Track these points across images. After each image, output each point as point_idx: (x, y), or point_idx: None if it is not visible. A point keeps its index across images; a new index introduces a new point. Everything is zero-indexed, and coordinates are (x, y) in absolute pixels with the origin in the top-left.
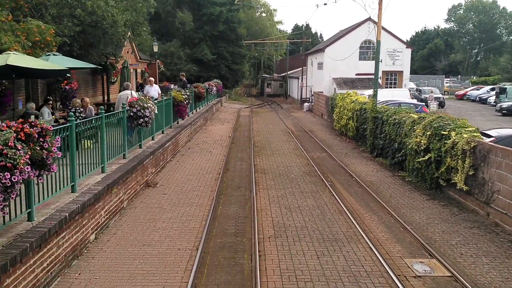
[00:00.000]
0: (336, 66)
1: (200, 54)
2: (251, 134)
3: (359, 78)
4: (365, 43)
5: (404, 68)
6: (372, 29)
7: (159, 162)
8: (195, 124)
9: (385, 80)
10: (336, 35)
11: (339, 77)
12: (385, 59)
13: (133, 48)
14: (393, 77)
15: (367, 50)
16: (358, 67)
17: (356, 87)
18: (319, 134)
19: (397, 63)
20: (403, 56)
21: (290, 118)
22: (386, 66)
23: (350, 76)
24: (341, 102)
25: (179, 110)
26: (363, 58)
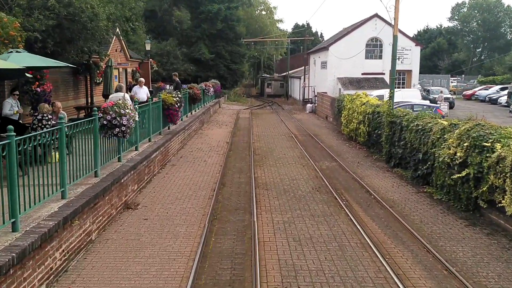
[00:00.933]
0: (341, 65)
1: (198, 53)
2: (251, 139)
3: (366, 78)
4: (372, 41)
5: (413, 67)
6: (380, 26)
7: (143, 176)
8: (189, 128)
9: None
10: (340, 33)
11: (344, 76)
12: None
13: (122, 46)
14: (401, 77)
15: (373, 48)
16: (364, 66)
17: (363, 87)
18: (326, 139)
19: (405, 61)
20: (411, 54)
21: (292, 120)
22: None
23: (356, 75)
24: (350, 104)
25: (169, 114)
26: (369, 56)
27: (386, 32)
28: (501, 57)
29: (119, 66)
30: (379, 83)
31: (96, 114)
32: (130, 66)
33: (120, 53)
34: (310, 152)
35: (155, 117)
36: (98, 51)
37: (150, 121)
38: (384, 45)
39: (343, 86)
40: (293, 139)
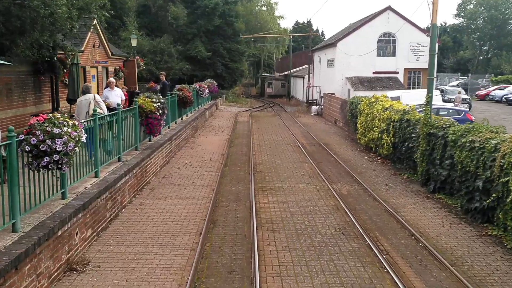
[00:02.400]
0: (350, 63)
1: (194, 51)
2: (250, 150)
3: (378, 78)
4: (384, 36)
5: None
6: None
7: (104, 214)
8: (178, 137)
9: (407, 79)
10: (348, 28)
11: (353, 76)
12: (407, 55)
13: (102, 41)
14: (416, 76)
15: (386, 44)
16: (375, 65)
17: (375, 88)
18: (339, 149)
19: (421, 59)
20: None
21: (297, 125)
22: (408, 63)
23: (366, 75)
24: (368, 109)
25: (148, 124)
26: (381, 53)
27: (400, 27)
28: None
29: (98, 64)
30: (393, 83)
31: (13, 137)
32: (112, 64)
33: (98, 49)
34: (323, 168)
35: (129, 128)
36: (63, 45)
37: (120, 135)
38: (398, 41)
39: (353, 87)
40: (301, 150)
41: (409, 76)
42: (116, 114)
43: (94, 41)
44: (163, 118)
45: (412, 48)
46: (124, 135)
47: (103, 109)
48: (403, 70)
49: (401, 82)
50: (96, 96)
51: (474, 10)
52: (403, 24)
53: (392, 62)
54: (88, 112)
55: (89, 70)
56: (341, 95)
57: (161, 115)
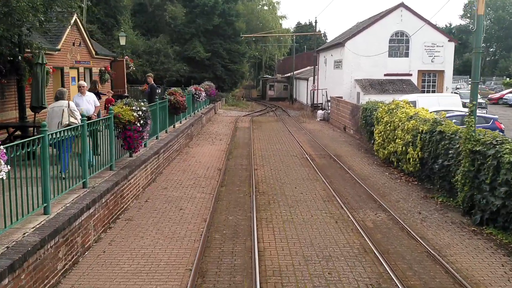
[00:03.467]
0: (360, 65)
1: (192, 51)
2: (252, 164)
3: (390, 80)
4: (396, 35)
5: (446, 67)
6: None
7: (53, 267)
8: (168, 149)
9: (421, 81)
10: (357, 26)
11: (363, 78)
12: (421, 55)
13: (83, 39)
14: (431, 78)
15: (398, 44)
16: (387, 66)
17: (387, 91)
18: (353, 162)
19: (436, 60)
20: (444, 51)
21: (302, 132)
22: (422, 64)
23: (377, 77)
24: (388, 117)
25: (126, 137)
26: (393, 54)
27: (414, 25)
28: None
29: (79, 65)
30: (406, 86)
31: None
32: (97, 65)
33: (80, 47)
34: (338, 189)
35: (101, 143)
36: (29, 42)
37: (86, 153)
38: (412, 41)
39: (363, 90)
40: (309, 163)
41: (423, 79)
42: (79, 127)
43: (74, 38)
44: (145, 129)
45: (426, 48)
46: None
47: (77, 119)
48: (416, 72)
49: (415, 85)
50: (71, 104)
51: None
52: (417, 22)
53: (405, 63)
54: (61, 122)
55: (67, 71)
56: (349, 99)
57: (143, 126)
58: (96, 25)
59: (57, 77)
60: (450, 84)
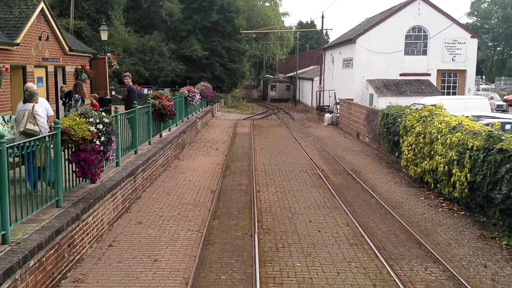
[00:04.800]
0: (373, 63)
1: (189, 49)
2: (253, 183)
3: (406, 80)
4: (413, 31)
5: (468, 66)
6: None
7: None
8: (149, 167)
9: (440, 82)
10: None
11: (376, 78)
12: (441, 53)
13: (54, 32)
14: (451, 79)
15: (416, 40)
16: (403, 65)
17: (404, 93)
18: (377, 181)
19: (458, 58)
20: (466, 49)
21: (309, 139)
22: (442, 63)
23: (392, 77)
24: (421, 126)
25: (80, 161)
26: (410, 51)
27: (433, 19)
28: None
29: (47, 62)
30: (425, 87)
31: None
32: (72, 63)
33: (48, 42)
34: (366, 223)
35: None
36: None
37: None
38: (430, 37)
39: (377, 91)
40: (322, 181)
41: (443, 78)
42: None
43: (41, 31)
44: (110, 148)
45: (447, 46)
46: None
47: (40, 126)
48: (436, 72)
49: (434, 86)
50: (36, 108)
51: (488, 9)
52: (437, 16)
53: (423, 62)
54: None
55: (31, 71)
56: (361, 101)
57: (106, 144)
58: (86, 21)
59: (18, 78)
60: (472, 85)
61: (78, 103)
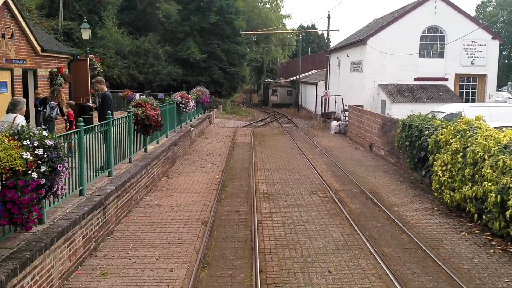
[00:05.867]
0: (385, 67)
1: (186, 52)
2: (253, 210)
3: (421, 86)
4: (429, 31)
5: (489, 70)
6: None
7: None
8: (124, 194)
9: (459, 87)
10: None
11: (389, 83)
12: (459, 56)
13: (22, 29)
14: (470, 84)
15: (431, 42)
16: (418, 69)
17: (420, 100)
18: (404, 207)
19: (477, 62)
20: (487, 51)
21: (316, 150)
22: (460, 67)
23: (406, 81)
24: (458, 142)
25: (7, 202)
26: (426, 54)
27: (451, 19)
28: None
29: (12, 64)
30: (442, 93)
31: None
32: (45, 66)
33: (14, 41)
34: (402, 273)
35: None
36: None
37: None
38: (448, 38)
39: (390, 98)
40: (338, 208)
41: (461, 83)
42: None
43: (5, 28)
44: (58, 180)
45: (466, 48)
46: None
47: None
48: (453, 76)
49: (452, 91)
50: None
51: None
52: (455, 16)
53: (440, 66)
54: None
55: None
56: (371, 107)
57: (48, 177)
58: (77, 22)
59: None
60: (493, 91)
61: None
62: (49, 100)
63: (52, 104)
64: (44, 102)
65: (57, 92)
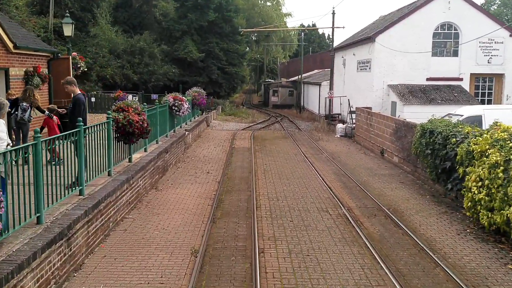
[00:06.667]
0: (395, 66)
1: (183, 51)
2: (254, 236)
3: (434, 86)
4: (442, 28)
5: (507, 69)
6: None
7: None
8: (98, 217)
9: (474, 88)
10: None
11: (399, 83)
12: (475, 54)
13: None
14: (486, 84)
15: (445, 39)
16: (430, 68)
17: (434, 101)
18: (432, 229)
19: (494, 60)
20: (504, 49)
21: (323, 156)
22: (476, 66)
23: (417, 82)
24: (498, 155)
25: None
26: (438, 52)
27: (465, 14)
28: None
29: None
30: (457, 94)
31: None
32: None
33: None
34: None
35: None
36: None
37: None
38: (462, 34)
39: (401, 99)
40: (355, 233)
41: (476, 84)
42: None
43: None
44: None
45: (481, 46)
46: None
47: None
48: (468, 76)
49: (468, 92)
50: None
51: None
52: (470, 11)
53: (454, 65)
54: None
55: None
56: (380, 109)
57: None
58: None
59: None
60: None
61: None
62: (21, 101)
63: (24, 106)
64: (15, 103)
65: (30, 92)
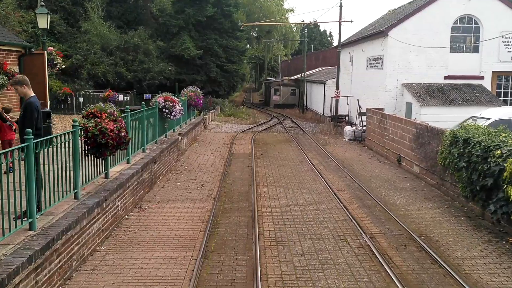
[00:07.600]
0: (410, 63)
1: (180, 48)
2: (257, 281)
3: (453, 85)
4: (461, 22)
5: None
6: None
7: None
8: (49, 261)
9: (496, 87)
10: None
11: (414, 82)
12: (497, 50)
13: None
14: (509, 83)
15: (464, 34)
16: (448, 65)
17: (454, 102)
18: (481, 270)
19: None
20: None
21: (332, 164)
22: (498, 63)
23: (434, 80)
24: None
25: None
26: (457, 48)
27: (487, 7)
28: None
29: None
30: (479, 94)
31: None
32: None
33: None
34: None
35: None
36: None
37: None
38: (484, 29)
39: (417, 99)
40: (385, 273)
41: (498, 84)
42: None
43: None
44: None
45: (505, 41)
46: None
47: None
48: (490, 74)
49: (490, 92)
50: None
51: None
52: (492, 2)
53: (474, 62)
54: None
55: None
56: (394, 111)
57: None
58: (60, 14)
59: None
60: None
61: None
62: None
63: None
64: None
65: None
